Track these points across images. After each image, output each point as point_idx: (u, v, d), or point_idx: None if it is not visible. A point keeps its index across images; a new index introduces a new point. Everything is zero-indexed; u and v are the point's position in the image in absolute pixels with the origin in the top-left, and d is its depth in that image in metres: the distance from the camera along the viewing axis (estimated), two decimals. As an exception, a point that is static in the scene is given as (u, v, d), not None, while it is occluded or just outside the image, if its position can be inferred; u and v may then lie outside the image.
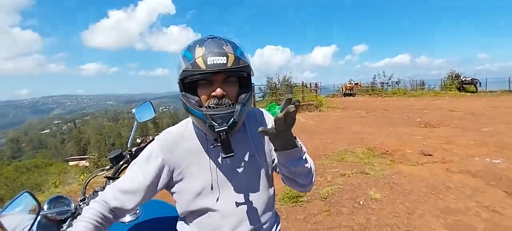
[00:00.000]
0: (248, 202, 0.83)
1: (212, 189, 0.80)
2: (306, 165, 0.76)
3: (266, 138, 0.87)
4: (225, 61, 0.67)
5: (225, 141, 0.69)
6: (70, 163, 33.76)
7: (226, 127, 0.68)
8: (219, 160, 0.81)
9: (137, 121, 1.23)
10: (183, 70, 0.69)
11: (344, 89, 20.44)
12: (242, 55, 0.72)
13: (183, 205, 0.83)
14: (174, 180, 0.81)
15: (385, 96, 17.83)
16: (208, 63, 0.67)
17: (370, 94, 19.63)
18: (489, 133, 5.52)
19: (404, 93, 18.14)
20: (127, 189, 0.77)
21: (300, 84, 14.51)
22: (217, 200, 0.80)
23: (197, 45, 0.70)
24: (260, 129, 0.65)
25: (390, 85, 20.60)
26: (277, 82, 14.07)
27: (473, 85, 16.63)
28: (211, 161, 0.81)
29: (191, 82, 0.72)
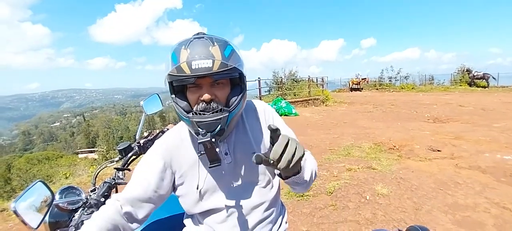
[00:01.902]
0: (252, 198, 0.83)
1: (214, 190, 0.80)
2: (306, 179, 0.74)
3: (268, 133, 0.84)
4: (210, 65, 0.64)
5: (210, 151, 0.67)
6: (80, 155, 34.53)
7: (208, 138, 0.65)
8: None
9: (145, 113, 1.24)
10: (169, 74, 0.67)
11: (351, 84, 20.21)
12: (230, 56, 0.67)
13: (187, 206, 0.83)
14: (176, 183, 0.80)
15: (393, 91, 17.55)
16: (193, 67, 0.64)
17: (377, 89, 19.36)
18: (500, 129, 5.39)
19: (412, 88, 17.81)
20: (134, 197, 0.73)
21: (307, 79, 14.40)
22: (221, 200, 0.81)
23: (183, 47, 0.66)
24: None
25: (398, 80, 20.26)
26: (283, 77, 14.00)
27: (484, 80, 16.22)
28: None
29: (180, 85, 0.70)
